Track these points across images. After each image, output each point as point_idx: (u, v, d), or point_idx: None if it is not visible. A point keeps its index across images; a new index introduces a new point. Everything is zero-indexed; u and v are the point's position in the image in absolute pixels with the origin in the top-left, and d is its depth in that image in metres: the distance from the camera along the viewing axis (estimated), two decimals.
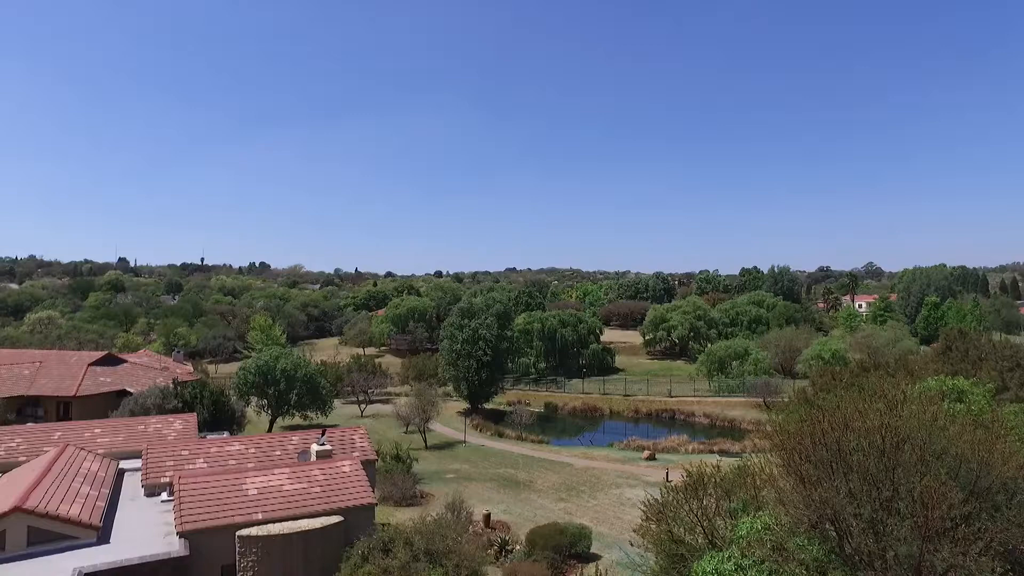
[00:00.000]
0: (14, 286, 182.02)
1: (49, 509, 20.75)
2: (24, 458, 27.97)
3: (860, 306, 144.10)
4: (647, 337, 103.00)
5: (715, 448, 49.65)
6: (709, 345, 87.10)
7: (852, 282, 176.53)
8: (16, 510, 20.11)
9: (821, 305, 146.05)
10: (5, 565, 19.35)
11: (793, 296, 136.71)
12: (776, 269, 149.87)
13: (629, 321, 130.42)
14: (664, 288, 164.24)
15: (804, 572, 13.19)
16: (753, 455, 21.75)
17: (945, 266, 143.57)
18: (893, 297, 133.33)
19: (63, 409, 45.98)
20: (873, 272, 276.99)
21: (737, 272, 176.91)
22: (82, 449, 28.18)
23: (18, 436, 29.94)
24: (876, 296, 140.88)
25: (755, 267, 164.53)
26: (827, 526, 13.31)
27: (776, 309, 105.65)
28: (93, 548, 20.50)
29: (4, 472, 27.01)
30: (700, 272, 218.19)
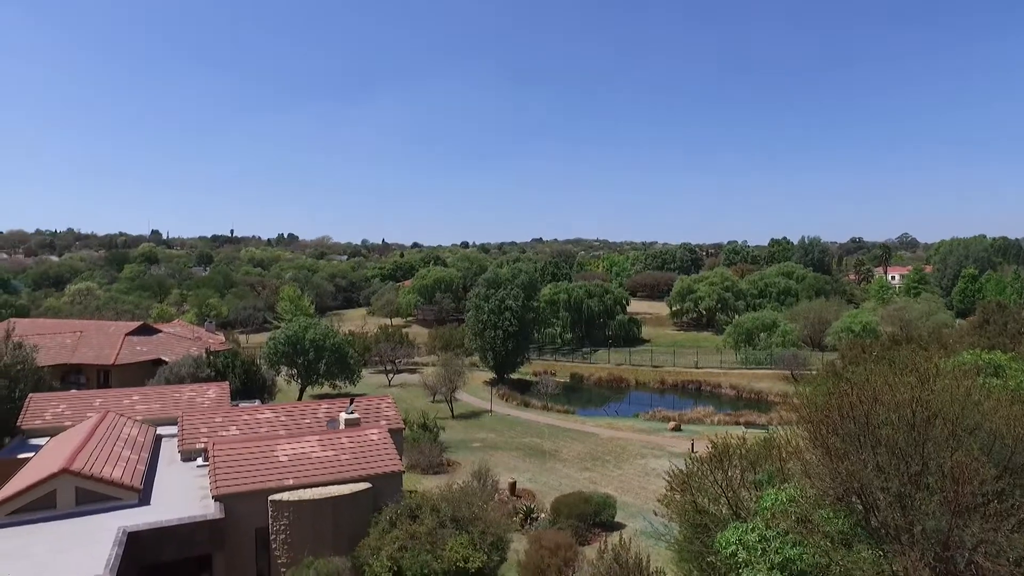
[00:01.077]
0: (54, 258, 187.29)
1: (94, 471, 21.61)
2: (69, 423, 29.06)
3: (893, 278, 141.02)
4: (674, 308, 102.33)
5: (741, 420, 49.47)
6: (736, 317, 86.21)
7: (885, 253, 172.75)
8: (64, 471, 20.99)
9: (852, 277, 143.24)
10: (58, 522, 20.36)
11: (823, 268, 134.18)
12: (806, 240, 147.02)
13: (656, 292, 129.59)
14: (691, 259, 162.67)
15: (829, 544, 13.18)
16: (779, 427, 21.65)
17: (985, 237, 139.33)
18: (928, 269, 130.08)
19: (103, 377, 47.50)
20: (908, 243, 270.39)
21: (766, 243, 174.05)
22: (122, 415, 29.16)
23: (63, 402, 31.05)
24: (910, 268, 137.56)
25: (784, 238, 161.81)
26: (853, 499, 13.25)
27: (806, 281, 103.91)
28: (135, 509, 21.33)
29: (52, 436, 28.12)
30: (728, 243, 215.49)
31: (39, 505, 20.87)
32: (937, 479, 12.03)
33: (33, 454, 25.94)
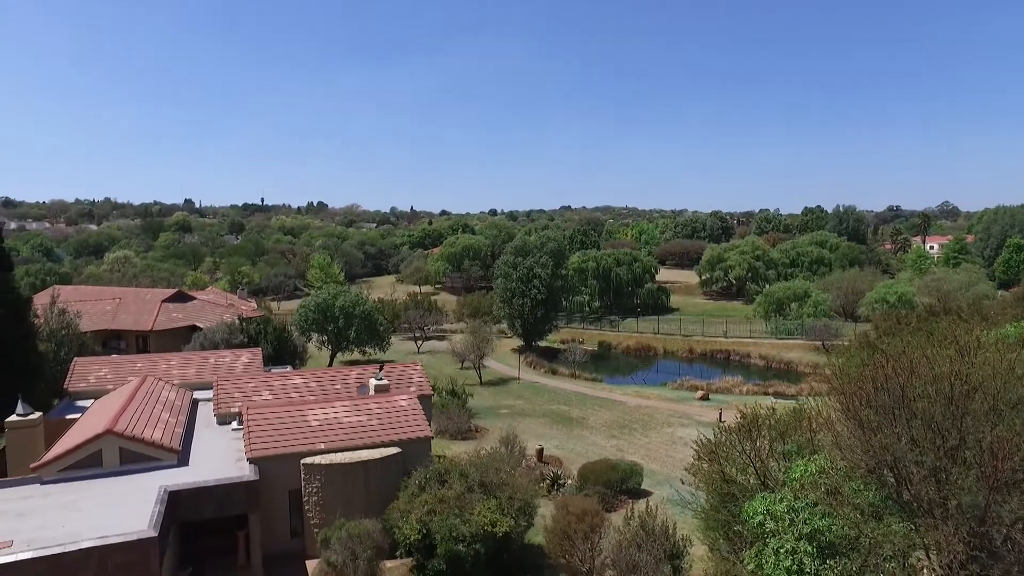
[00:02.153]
0: (93, 227, 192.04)
1: (135, 433, 22.36)
2: (111, 386, 30.02)
3: (932, 248, 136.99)
4: (703, 277, 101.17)
5: (770, 390, 49.06)
6: (767, 286, 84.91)
7: (924, 222, 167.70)
8: (109, 432, 21.78)
9: (888, 246, 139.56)
10: (104, 480, 21.28)
11: (858, 237, 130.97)
12: (841, 208, 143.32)
13: (685, 261, 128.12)
14: (722, 227, 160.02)
15: (859, 517, 13.06)
16: (810, 398, 21.38)
17: None
18: (970, 238, 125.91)
19: (141, 342, 48.85)
20: (949, 212, 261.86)
21: (799, 211, 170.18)
22: (160, 380, 30.01)
23: (105, 366, 32.06)
24: (950, 237, 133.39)
25: (818, 206, 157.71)
26: (885, 472, 13.07)
27: (839, 250, 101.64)
28: (175, 470, 22.07)
29: (96, 398, 29.10)
30: (760, 211, 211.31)
31: (87, 463, 21.75)
32: (975, 454, 11.77)
33: (80, 415, 26.92)
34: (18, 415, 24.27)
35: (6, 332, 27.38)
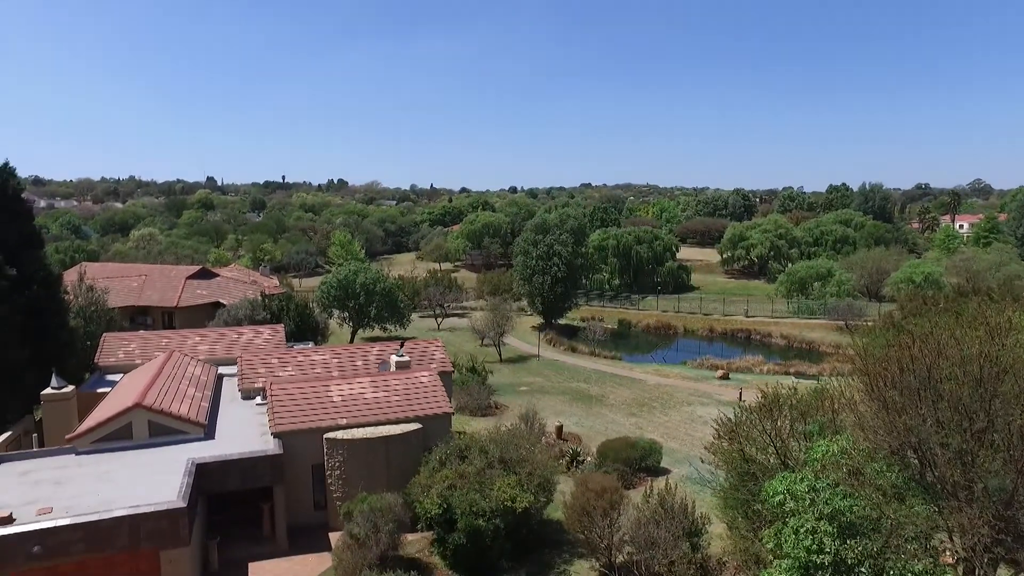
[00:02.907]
0: (119, 205, 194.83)
1: (163, 407, 22.91)
2: (139, 361, 30.69)
3: (961, 227, 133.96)
4: (725, 255, 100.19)
5: (791, 370, 48.71)
6: (790, 265, 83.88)
7: (954, 200, 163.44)
8: (138, 406, 22.35)
9: (915, 225, 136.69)
10: (134, 451, 21.94)
11: (885, 215, 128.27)
12: (867, 186, 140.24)
13: (706, 239, 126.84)
14: (744, 205, 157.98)
15: (881, 498, 13.00)
16: (832, 378, 21.19)
17: None
18: (1003, 217, 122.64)
19: (167, 318, 49.74)
20: (980, 190, 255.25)
21: (823, 189, 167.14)
22: (186, 355, 30.59)
23: (133, 342, 32.75)
24: (982, 216, 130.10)
25: (843, 184, 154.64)
26: (909, 454, 12.96)
27: (864, 229, 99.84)
28: (201, 443, 22.60)
29: (125, 372, 29.79)
30: (783, 189, 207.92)
31: (118, 435, 22.39)
32: (1004, 437, 11.61)
33: (110, 389, 27.60)
34: (53, 388, 24.97)
35: (40, 308, 28.00)
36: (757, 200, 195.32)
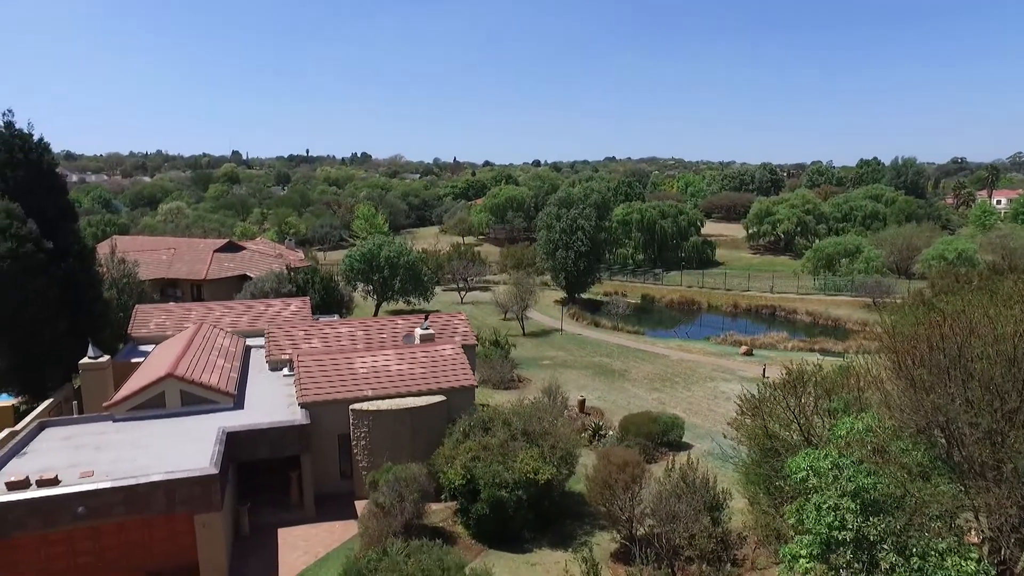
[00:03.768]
0: (147, 179, 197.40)
1: (194, 377, 23.50)
2: (170, 332, 31.42)
3: (999, 202, 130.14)
4: (750, 231, 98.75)
5: (816, 347, 48.23)
6: (817, 241, 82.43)
7: (991, 175, 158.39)
8: (169, 376, 22.98)
9: (950, 201, 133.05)
10: (168, 419, 22.65)
11: (917, 191, 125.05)
12: (899, 161, 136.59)
13: (732, 214, 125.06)
14: (771, 180, 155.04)
15: (905, 476, 12.95)
16: (858, 356, 20.98)
17: None
18: None
19: (196, 290, 50.68)
20: (1022, 164, 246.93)
21: (854, 164, 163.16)
22: (215, 327, 31.22)
23: (164, 313, 33.51)
24: (1021, 191, 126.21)
25: (875, 158, 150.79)
26: (936, 433, 12.86)
27: (895, 204, 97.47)
28: (231, 412, 23.19)
29: (157, 343, 30.54)
30: (812, 163, 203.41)
31: (152, 404, 23.09)
32: None
33: (143, 359, 28.35)
34: (90, 358, 25.75)
35: (75, 280, 28.72)
36: (785, 175, 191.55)
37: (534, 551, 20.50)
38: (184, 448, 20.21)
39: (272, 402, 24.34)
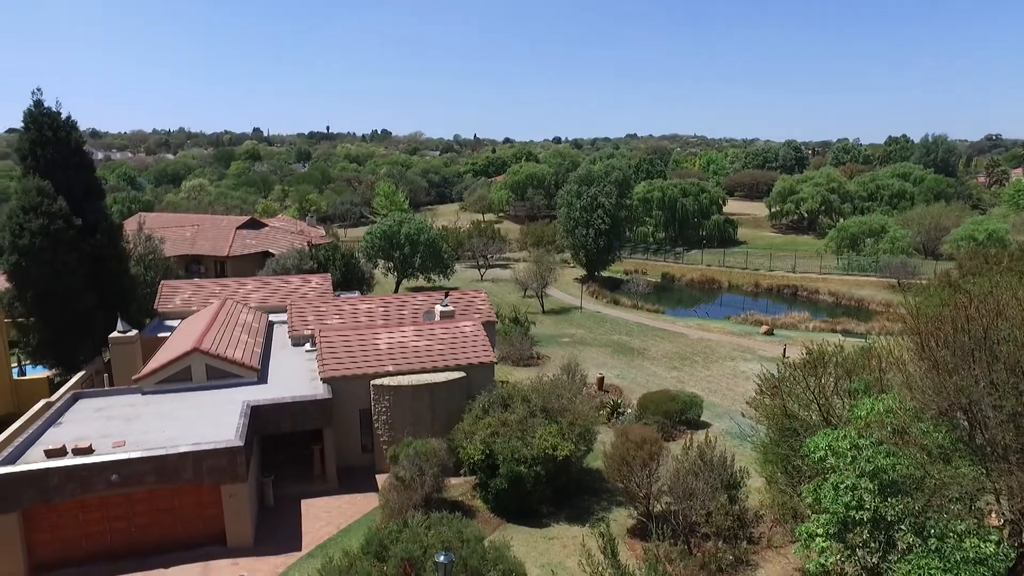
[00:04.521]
0: (170, 156, 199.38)
1: (219, 351, 23.97)
2: (195, 307, 31.99)
3: None
4: (773, 210, 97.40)
5: (838, 327, 47.74)
6: (841, 220, 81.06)
7: None
8: (195, 350, 23.47)
9: (982, 180, 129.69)
10: (194, 392, 23.21)
11: (948, 169, 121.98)
12: (929, 138, 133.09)
13: (754, 192, 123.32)
14: (796, 158, 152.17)
15: (925, 458, 12.90)
16: (880, 337, 20.79)
17: None
18: None
19: (219, 267, 51.43)
20: None
21: (882, 141, 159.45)
22: (238, 303, 31.72)
23: (189, 289, 34.10)
24: None
25: (904, 136, 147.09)
26: (958, 415, 12.77)
27: (924, 183, 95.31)
28: (255, 386, 23.67)
29: (182, 319, 31.14)
30: (838, 141, 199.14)
31: (178, 377, 23.64)
32: None
33: (169, 334, 28.96)
34: (119, 332, 26.38)
35: (103, 256, 29.29)
36: (810, 152, 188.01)
37: (552, 526, 20.81)
38: (210, 421, 20.72)
39: (295, 377, 24.78)
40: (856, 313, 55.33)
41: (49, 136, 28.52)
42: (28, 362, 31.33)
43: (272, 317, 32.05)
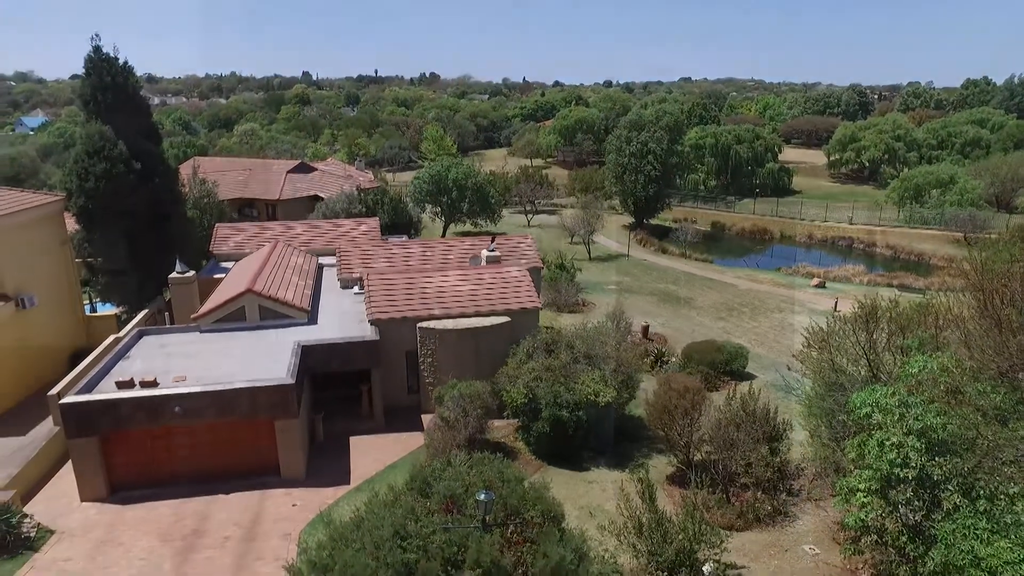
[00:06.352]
0: (222, 101, 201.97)
1: (272, 293, 24.77)
2: (248, 250, 32.94)
3: None
4: (832, 158, 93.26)
5: (895, 282, 46.07)
6: (906, 170, 77.07)
7: None
8: (249, 291, 24.30)
9: None
10: (248, 332, 24.18)
11: None
12: (1015, 79, 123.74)
13: (813, 139, 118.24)
14: (860, 103, 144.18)
15: (980, 419, 12.56)
16: (940, 293, 20.01)
17: None
18: None
19: (270, 210, 52.52)
20: None
21: (959, 84, 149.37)
22: (289, 245, 32.49)
23: (242, 232, 35.04)
24: None
25: (985, 78, 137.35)
26: (1019, 376, 12.32)
27: (1004, 130, 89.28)
28: (305, 327, 24.45)
29: (236, 261, 32.15)
30: (908, 84, 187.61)
31: (233, 317, 24.59)
32: None
33: (224, 275, 29.98)
34: (178, 272, 27.46)
35: (161, 199, 30.23)
36: (875, 97, 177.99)
37: (592, 470, 21.22)
38: (263, 359, 21.59)
39: (343, 318, 25.46)
40: (915, 268, 53.23)
41: (108, 81, 29.09)
42: (98, 299, 33.02)
43: (322, 260, 32.75)
